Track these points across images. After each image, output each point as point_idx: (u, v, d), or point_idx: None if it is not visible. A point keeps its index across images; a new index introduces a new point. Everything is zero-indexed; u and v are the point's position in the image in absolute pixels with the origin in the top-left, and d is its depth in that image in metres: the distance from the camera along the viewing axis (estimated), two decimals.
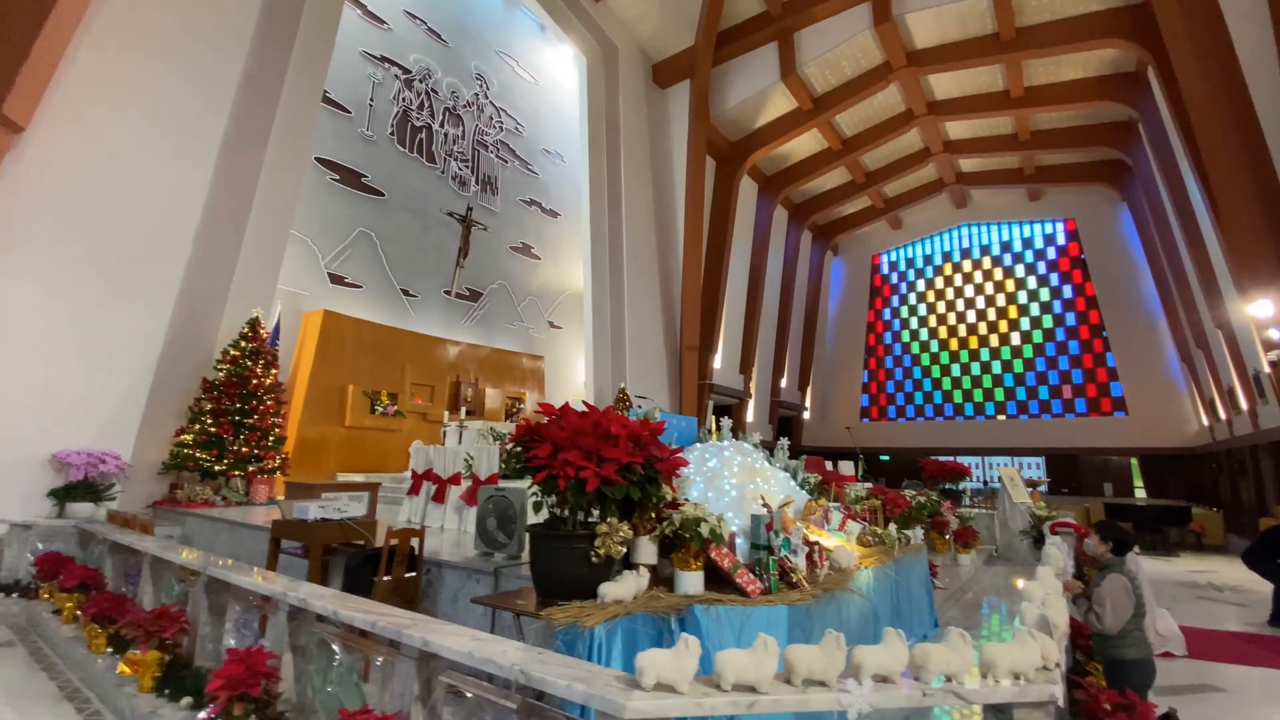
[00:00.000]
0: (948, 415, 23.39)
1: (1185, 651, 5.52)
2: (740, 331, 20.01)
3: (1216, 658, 5.46)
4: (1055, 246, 22.15)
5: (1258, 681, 4.90)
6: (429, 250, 12.56)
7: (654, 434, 2.88)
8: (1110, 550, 3.55)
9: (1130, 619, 3.38)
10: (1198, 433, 18.15)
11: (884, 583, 4.31)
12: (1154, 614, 5.68)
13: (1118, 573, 3.44)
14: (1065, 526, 8.09)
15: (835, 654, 2.13)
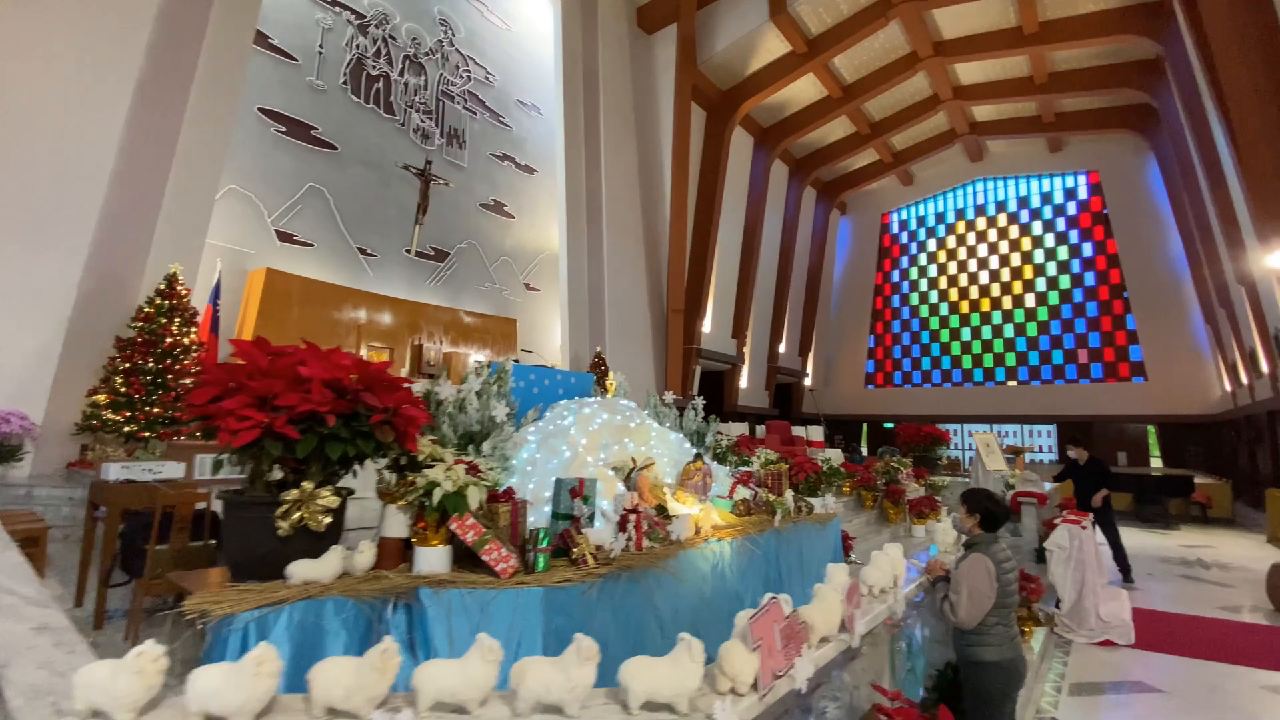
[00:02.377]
0: (956, 381, 22.43)
1: (1131, 640, 4.91)
2: (733, 294, 19.25)
3: (1168, 648, 4.85)
4: (1076, 201, 20.70)
5: (1203, 681, 4.30)
6: (389, 207, 12.09)
7: (379, 380, 2.36)
8: (978, 524, 2.94)
9: (992, 611, 2.81)
10: (1220, 399, 16.98)
11: (751, 558, 3.79)
12: (1096, 596, 5.07)
13: (982, 553, 2.86)
14: (1028, 496, 7.45)
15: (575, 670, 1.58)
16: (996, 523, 3.00)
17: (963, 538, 3.05)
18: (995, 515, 3.00)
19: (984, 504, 3.01)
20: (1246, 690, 4.06)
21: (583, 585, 2.58)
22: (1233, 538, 11.50)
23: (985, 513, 2.98)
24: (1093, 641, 4.79)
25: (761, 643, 1.57)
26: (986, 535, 2.96)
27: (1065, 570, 4.96)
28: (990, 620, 2.80)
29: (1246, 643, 5.01)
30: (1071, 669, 4.24)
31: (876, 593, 2.67)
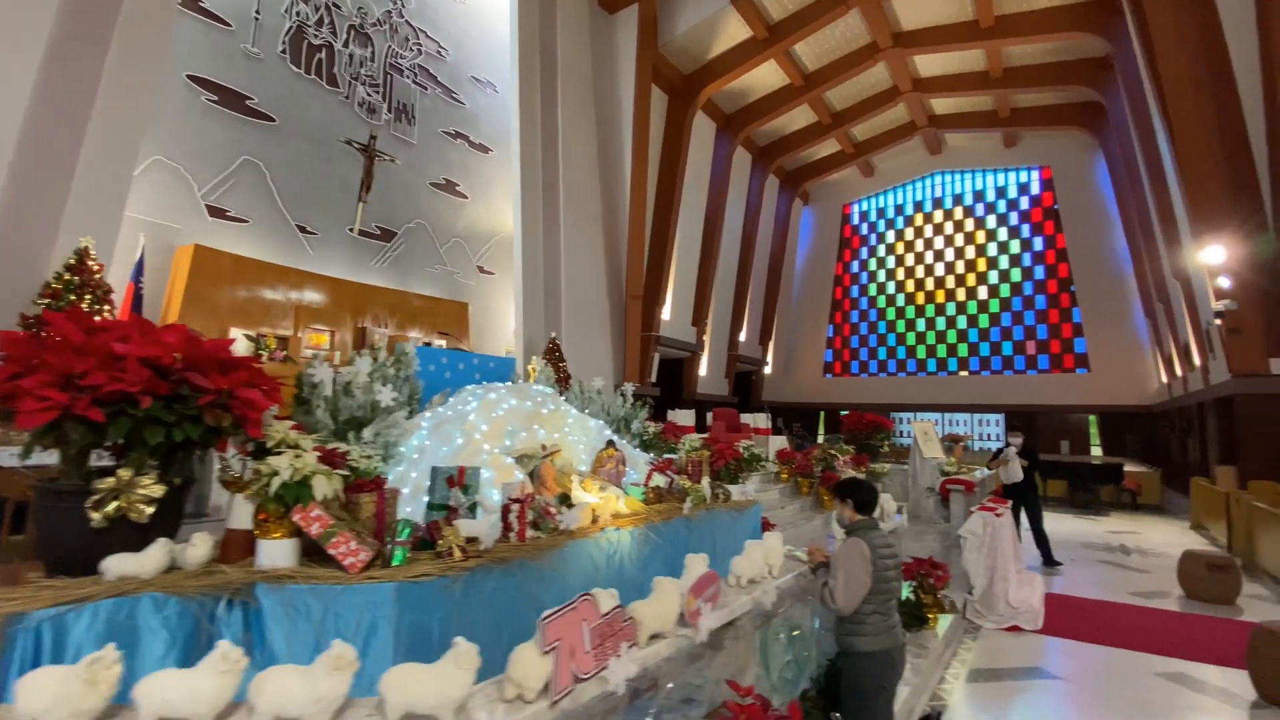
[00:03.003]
0: (910, 371, 22.83)
1: (1038, 625, 5.00)
2: (693, 282, 19.17)
3: (1074, 634, 4.95)
4: (1029, 196, 21.12)
5: (1101, 668, 4.38)
6: (332, 184, 11.63)
7: (208, 359, 2.18)
8: (854, 510, 2.90)
9: (869, 599, 2.77)
10: (1157, 391, 17.60)
11: (655, 547, 3.70)
12: (1007, 582, 5.15)
13: (860, 538, 2.82)
14: (957, 484, 7.56)
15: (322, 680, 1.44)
16: (869, 505, 2.97)
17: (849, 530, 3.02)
18: (867, 501, 2.97)
19: (854, 492, 2.98)
20: (1143, 678, 4.16)
21: (444, 580, 2.45)
22: (1159, 524, 11.94)
23: (855, 498, 2.94)
24: (1001, 627, 4.87)
25: (559, 644, 1.47)
26: (866, 521, 2.92)
27: (978, 557, 5.03)
28: (867, 609, 2.77)
29: (1152, 629, 5.15)
30: (974, 655, 4.30)
31: (744, 583, 2.60)
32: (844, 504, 2.97)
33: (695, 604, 2.01)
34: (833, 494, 3.04)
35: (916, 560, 4.57)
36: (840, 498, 2.99)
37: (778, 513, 7.26)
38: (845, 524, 2.95)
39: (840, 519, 3.00)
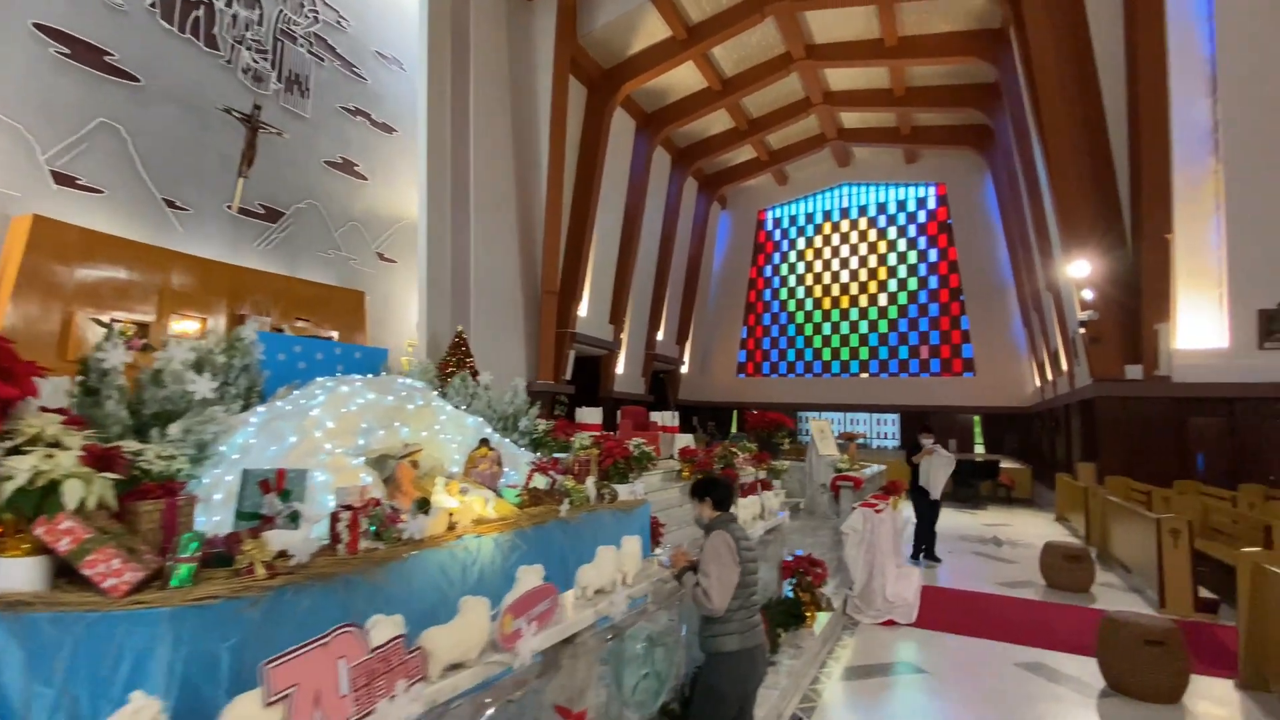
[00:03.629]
0: (816, 372, 23.67)
1: (912, 619, 5.14)
2: (611, 279, 18.98)
3: (943, 626, 5.12)
4: (925, 210, 22.40)
5: (965, 659, 4.53)
6: (207, 155, 10.51)
7: None
8: (712, 508, 2.77)
9: (735, 593, 2.64)
10: (1032, 393, 19.10)
11: (525, 555, 3.42)
12: (885, 577, 5.27)
13: (722, 530, 2.69)
14: (846, 480, 7.77)
15: None
16: (727, 501, 2.87)
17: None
18: (724, 498, 2.86)
19: (711, 490, 2.86)
20: (1003, 668, 4.32)
21: (239, 602, 2.08)
22: (1029, 516, 12.89)
23: (716, 497, 2.83)
24: (878, 622, 4.98)
25: (295, 690, 1.19)
26: (724, 515, 2.81)
27: (858, 553, 5.12)
28: (733, 604, 2.64)
29: (1015, 618, 5.42)
30: (850, 652, 4.35)
31: (590, 595, 2.40)
32: (702, 503, 2.83)
33: (514, 624, 1.78)
34: (690, 495, 2.89)
35: (796, 558, 4.57)
36: (698, 497, 2.85)
37: (675, 511, 7.16)
38: (705, 523, 2.81)
39: (699, 519, 2.87)
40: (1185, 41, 11.42)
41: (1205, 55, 11.44)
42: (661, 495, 8.09)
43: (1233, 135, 11.22)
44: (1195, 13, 11.47)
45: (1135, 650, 3.76)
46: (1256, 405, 11.04)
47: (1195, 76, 11.48)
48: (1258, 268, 11.04)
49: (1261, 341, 10.97)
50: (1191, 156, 11.45)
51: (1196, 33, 11.47)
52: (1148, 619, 3.87)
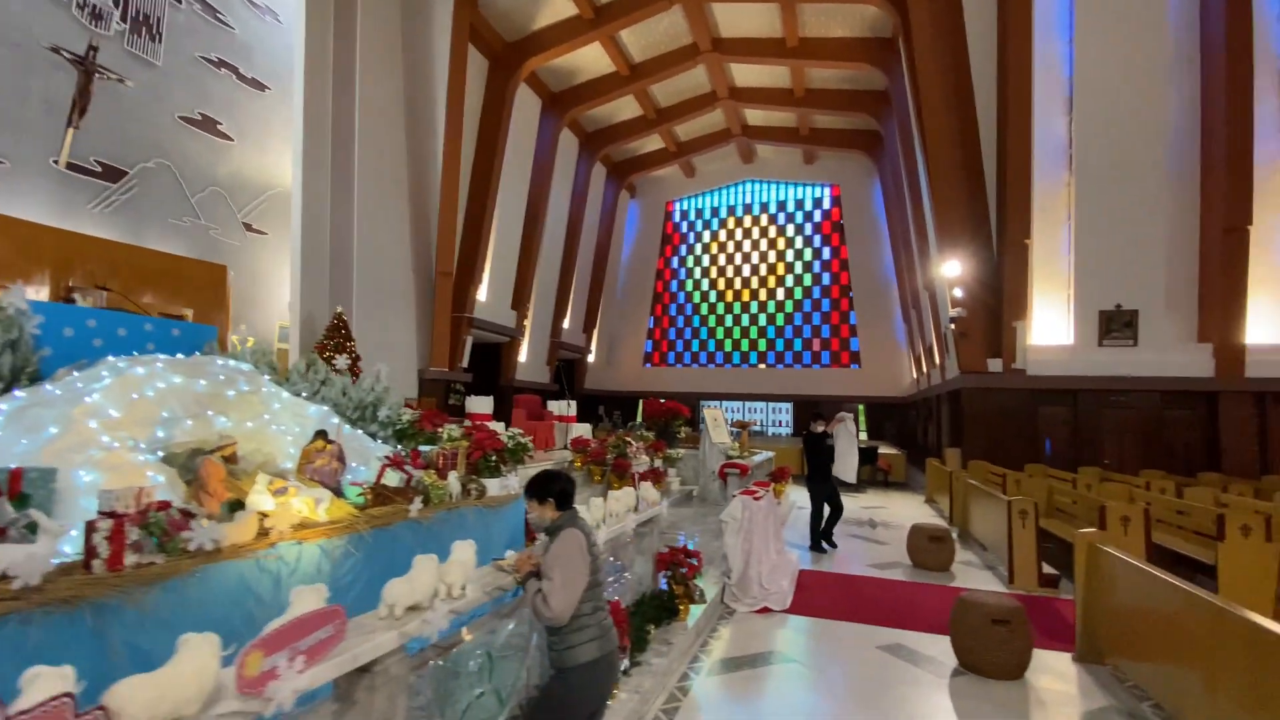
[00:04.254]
0: (718, 363, 24.10)
1: (786, 605, 5.13)
2: (514, 263, 18.24)
3: (814, 611, 5.15)
4: (821, 210, 23.29)
5: (831, 644, 4.54)
6: (30, 101, 8.84)
7: None
8: (555, 508, 2.46)
9: (587, 595, 2.35)
10: (909, 385, 20.38)
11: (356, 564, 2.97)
12: (761, 565, 5.23)
13: (572, 526, 2.39)
14: (733, 467, 7.78)
15: None
16: (568, 497, 2.53)
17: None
18: (567, 492, 2.52)
19: (550, 486, 2.48)
20: (866, 652, 4.37)
21: None
22: (903, 499, 13.69)
23: (559, 494, 2.48)
24: (753, 610, 4.94)
25: None
26: (566, 513, 2.50)
27: (736, 540, 5.05)
28: (585, 608, 2.34)
29: (881, 599, 5.55)
30: (721, 644, 4.25)
31: (400, 613, 2.04)
32: (543, 504, 2.49)
33: (265, 664, 1.38)
34: (525, 495, 2.55)
35: (671, 550, 4.40)
36: (536, 497, 2.51)
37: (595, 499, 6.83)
38: (547, 525, 2.49)
39: (538, 523, 2.53)
40: (1049, 63, 12.37)
41: (1065, 77, 12.45)
42: None
43: (1084, 151, 12.31)
44: (1059, 35, 12.44)
45: (983, 630, 3.90)
46: (1095, 396, 12.25)
47: (1056, 96, 12.48)
48: (1100, 273, 12.21)
49: (1101, 339, 12.16)
50: (1049, 170, 12.46)
51: (1059, 55, 12.45)
52: (995, 599, 4.03)
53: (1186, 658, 3.24)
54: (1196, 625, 3.18)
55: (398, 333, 14.64)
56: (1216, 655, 2.95)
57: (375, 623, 1.99)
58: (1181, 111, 11.83)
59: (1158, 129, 11.93)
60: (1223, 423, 11.38)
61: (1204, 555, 5.67)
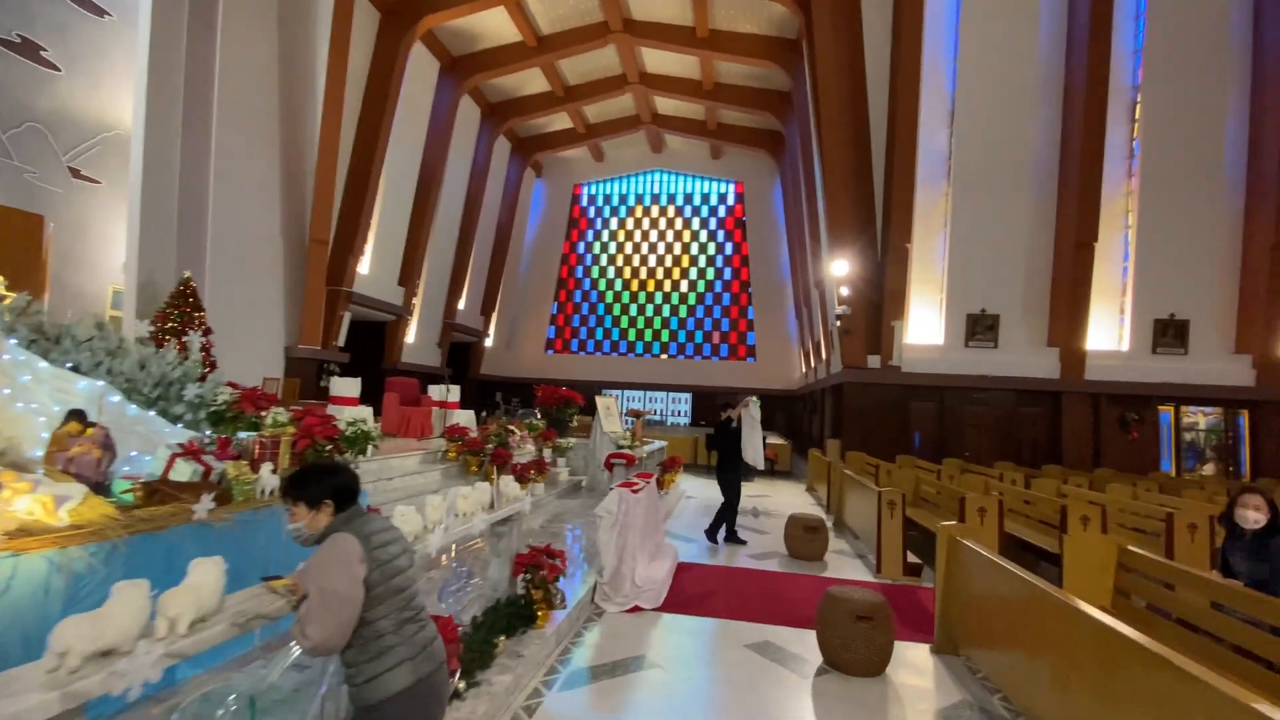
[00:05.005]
0: (621, 352, 23.84)
1: (659, 603, 4.84)
2: (403, 235, 16.91)
3: (689, 607, 4.90)
4: (725, 206, 23.56)
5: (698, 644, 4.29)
6: None
7: None
8: (332, 512, 1.90)
9: (383, 609, 1.83)
10: (799, 378, 21.12)
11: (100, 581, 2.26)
12: (635, 560, 4.91)
13: (343, 531, 1.84)
14: (620, 458, 7.47)
15: None
16: (349, 496, 1.94)
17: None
18: (348, 488, 1.93)
19: (321, 486, 1.88)
20: (732, 651, 4.15)
21: None
22: (787, 487, 14.05)
23: (335, 492, 1.90)
24: (624, 609, 4.62)
25: None
26: (351, 512, 1.93)
27: (610, 536, 4.70)
28: (386, 625, 1.83)
29: (753, 593, 5.40)
30: (583, 651, 3.88)
31: (76, 663, 1.43)
32: (314, 510, 1.88)
33: None
34: (282, 498, 1.97)
35: (532, 550, 3.96)
36: (303, 501, 1.88)
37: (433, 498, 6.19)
38: (316, 535, 1.94)
39: (306, 535, 1.90)
40: (935, 79, 12.97)
41: (949, 92, 13.11)
42: (418, 481, 7.04)
43: (960, 164, 13.05)
44: (945, 54, 13.07)
45: (848, 626, 3.80)
46: (959, 393, 13.10)
47: (940, 110, 13.12)
48: (969, 279, 13.02)
49: (967, 340, 13.00)
50: (930, 179, 13.11)
51: (944, 72, 13.09)
52: (860, 594, 3.95)
53: (1030, 649, 3.26)
54: (1041, 618, 3.20)
55: (261, 304, 13.08)
56: (1060, 648, 2.95)
57: (32, 677, 1.38)
58: (1045, 136, 12.82)
59: (1024, 149, 12.86)
60: (1065, 420, 12.53)
61: (1049, 544, 6.02)
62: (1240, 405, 12.21)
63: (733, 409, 7.54)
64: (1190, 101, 12.34)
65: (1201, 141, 12.33)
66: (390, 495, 6.25)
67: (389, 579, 1.86)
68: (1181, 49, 12.31)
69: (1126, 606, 4.03)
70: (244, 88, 12.07)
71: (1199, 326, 12.25)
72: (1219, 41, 12.25)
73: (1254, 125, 12.09)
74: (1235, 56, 12.20)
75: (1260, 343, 11.84)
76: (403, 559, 1.96)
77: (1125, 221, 12.71)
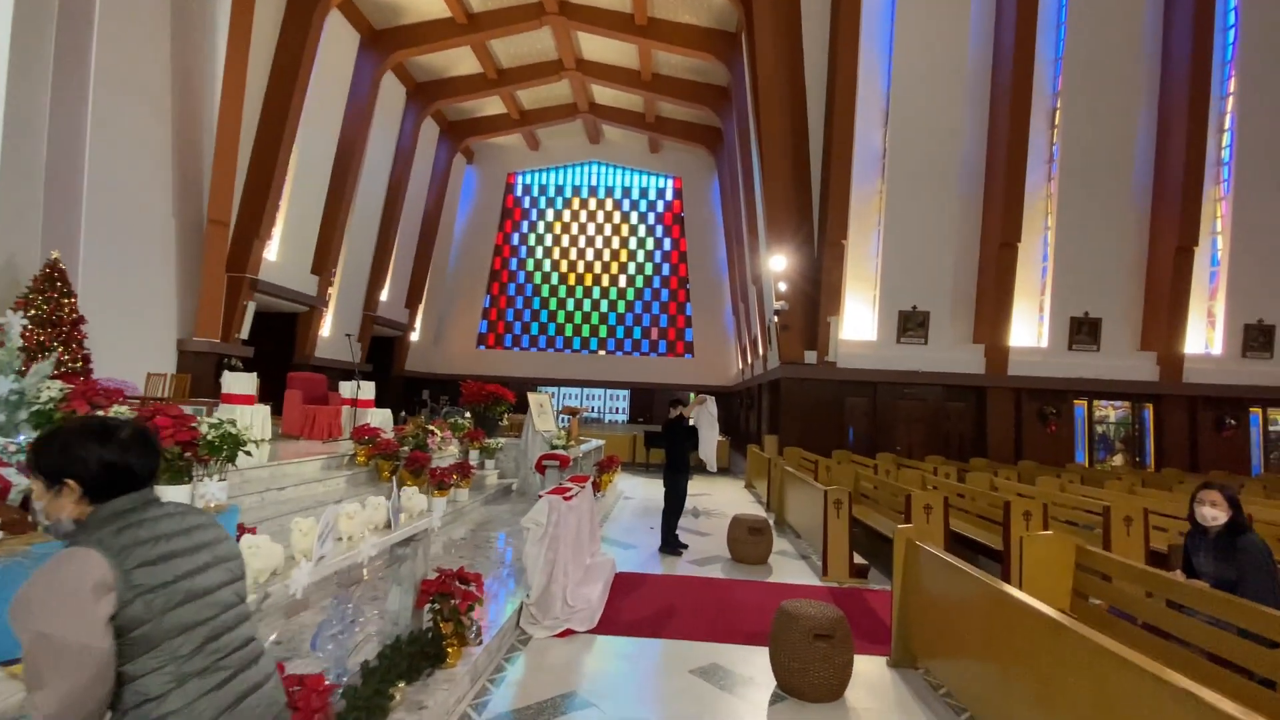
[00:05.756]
0: (558, 348, 23.08)
1: (593, 624, 4.28)
2: (317, 220, 15.53)
3: (628, 627, 4.38)
4: (664, 201, 23.21)
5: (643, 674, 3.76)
6: None
7: None
8: (80, 499, 1.22)
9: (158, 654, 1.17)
10: (735, 375, 21.05)
11: None
12: (569, 577, 4.33)
13: (85, 545, 1.16)
14: (553, 459, 6.86)
15: None
16: (126, 474, 1.27)
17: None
18: (112, 465, 1.25)
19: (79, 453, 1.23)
20: (676, 679, 3.66)
21: None
22: (726, 485, 13.79)
23: (93, 470, 1.23)
24: (554, 633, 4.04)
25: None
26: (108, 511, 1.24)
27: (539, 550, 4.11)
28: (155, 684, 1.16)
29: (698, 606, 4.89)
30: (504, 691, 3.27)
31: None
32: (57, 492, 1.22)
33: None
34: (30, 473, 1.24)
35: (441, 574, 3.29)
36: (44, 475, 1.23)
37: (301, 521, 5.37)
38: (67, 529, 1.26)
39: (57, 524, 1.25)
40: (871, 74, 12.98)
41: (884, 90, 13.17)
42: (319, 489, 6.16)
43: (895, 162, 13.14)
44: (880, 49, 13.11)
45: (805, 647, 3.39)
46: (891, 389, 13.21)
47: (875, 107, 13.15)
48: (903, 275, 13.14)
49: (899, 337, 13.12)
50: (866, 175, 13.13)
51: (880, 68, 13.14)
52: (816, 609, 3.55)
53: (1002, 661, 2.95)
54: (1010, 627, 2.89)
55: (150, 292, 11.59)
56: (1035, 660, 2.64)
57: None
58: (973, 137, 13.09)
59: (954, 150, 13.09)
60: (990, 414, 12.86)
61: (992, 541, 5.89)
62: (1145, 399, 12.92)
63: (684, 405, 6.99)
64: (1104, 109, 12.92)
65: (1114, 147, 12.94)
66: (283, 508, 5.38)
67: (166, 611, 1.17)
68: (1098, 59, 12.87)
69: (1086, 609, 3.81)
70: (128, 46, 10.60)
71: (1110, 324, 12.86)
72: (1132, 53, 12.90)
73: (1160, 133, 12.79)
74: (1146, 68, 12.87)
75: (1163, 340, 12.55)
76: (204, 577, 1.26)
77: (1045, 223, 13.19)
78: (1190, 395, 12.65)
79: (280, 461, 5.91)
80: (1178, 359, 12.59)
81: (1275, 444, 12.84)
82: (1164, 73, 12.75)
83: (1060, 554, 3.91)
